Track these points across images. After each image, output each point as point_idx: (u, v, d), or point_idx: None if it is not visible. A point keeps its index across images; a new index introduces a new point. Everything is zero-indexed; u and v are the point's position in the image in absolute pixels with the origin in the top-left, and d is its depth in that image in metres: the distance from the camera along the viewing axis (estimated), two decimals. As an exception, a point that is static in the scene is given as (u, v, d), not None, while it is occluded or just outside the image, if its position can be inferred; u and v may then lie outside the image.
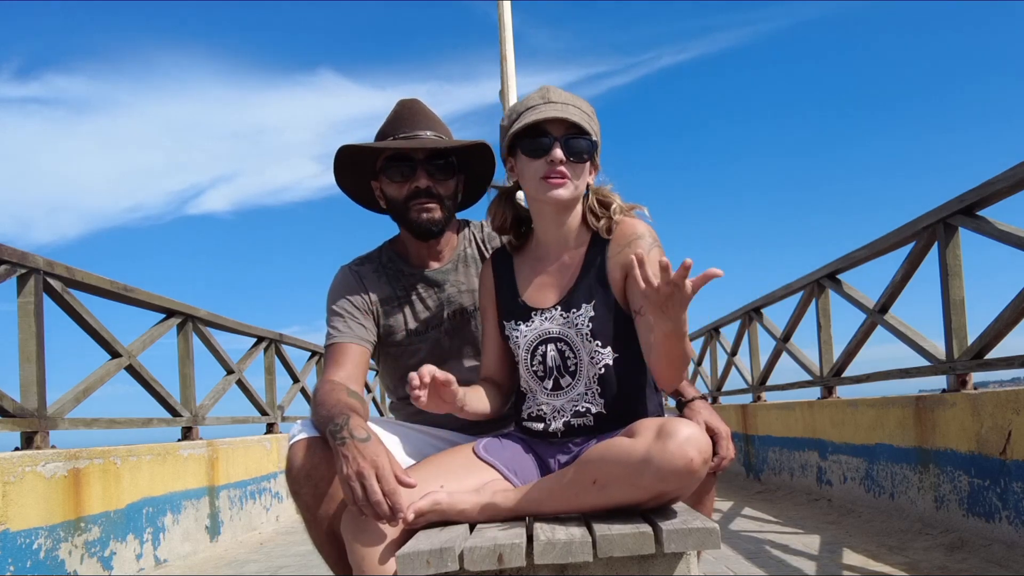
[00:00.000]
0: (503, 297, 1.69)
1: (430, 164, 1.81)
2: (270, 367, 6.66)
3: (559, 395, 1.60)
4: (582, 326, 1.57)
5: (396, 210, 1.86)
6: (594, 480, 1.37)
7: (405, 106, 1.86)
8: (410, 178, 1.81)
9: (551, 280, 1.63)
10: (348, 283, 1.87)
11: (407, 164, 1.80)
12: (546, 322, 1.61)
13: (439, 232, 1.85)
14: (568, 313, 1.59)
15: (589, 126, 1.55)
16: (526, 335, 1.62)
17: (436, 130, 1.84)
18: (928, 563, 3.00)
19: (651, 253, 1.53)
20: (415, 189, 1.80)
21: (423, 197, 1.81)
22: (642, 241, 1.56)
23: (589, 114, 1.58)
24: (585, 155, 1.55)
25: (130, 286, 4.21)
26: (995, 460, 3.11)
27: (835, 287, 5.23)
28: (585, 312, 1.57)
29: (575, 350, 1.58)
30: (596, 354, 1.57)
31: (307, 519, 1.65)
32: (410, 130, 1.81)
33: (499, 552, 1.25)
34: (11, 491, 2.89)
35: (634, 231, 1.57)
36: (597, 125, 1.60)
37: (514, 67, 6.73)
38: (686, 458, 1.30)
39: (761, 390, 7.01)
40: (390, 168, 1.82)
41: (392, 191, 1.84)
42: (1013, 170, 3.18)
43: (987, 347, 3.42)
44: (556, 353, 1.59)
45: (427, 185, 1.80)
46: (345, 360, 1.76)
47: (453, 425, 1.86)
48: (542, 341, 1.61)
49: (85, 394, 3.76)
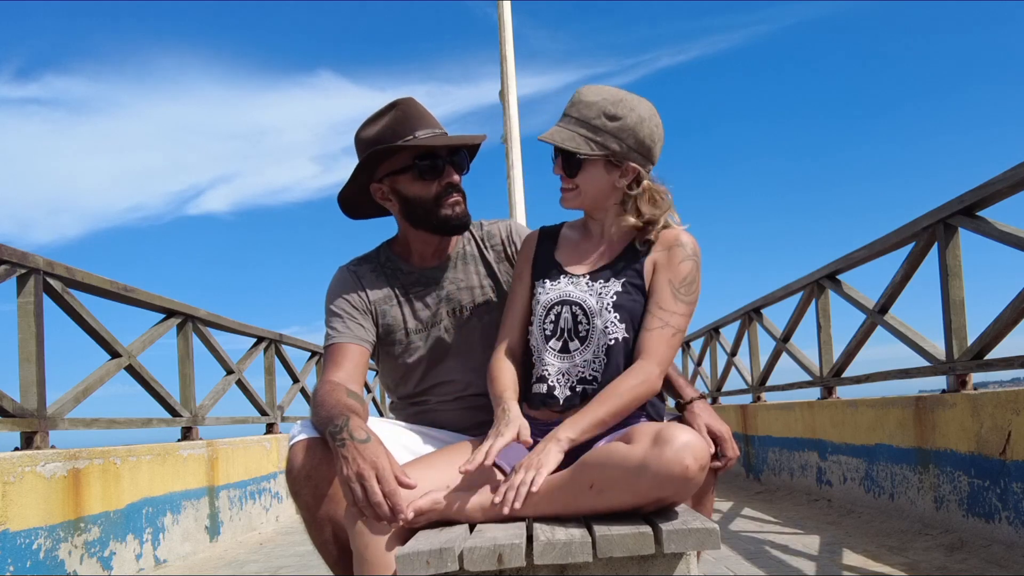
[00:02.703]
0: (540, 260, 1.73)
1: (454, 160, 1.82)
2: (270, 367, 6.65)
3: (566, 358, 1.61)
4: (605, 296, 1.61)
5: (422, 208, 1.82)
6: (591, 484, 1.37)
7: (411, 106, 1.82)
8: (440, 175, 1.80)
9: (589, 253, 1.69)
10: (346, 283, 1.86)
11: (437, 161, 1.79)
12: (570, 286, 1.65)
13: (467, 225, 1.86)
14: (594, 283, 1.63)
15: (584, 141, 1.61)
16: (548, 293, 1.66)
17: (442, 127, 1.84)
18: (928, 563, 3.00)
19: (684, 263, 1.60)
20: (447, 185, 1.80)
21: (455, 192, 1.81)
22: (681, 250, 1.62)
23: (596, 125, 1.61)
24: (575, 170, 1.63)
25: (130, 286, 4.21)
26: (995, 460, 3.11)
27: (835, 287, 5.23)
28: (612, 286, 1.61)
29: (590, 317, 1.60)
30: (611, 325, 1.59)
31: (307, 519, 1.65)
32: (428, 128, 1.79)
33: (499, 552, 1.25)
34: (11, 491, 2.89)
35: (678, 239, 1.63)
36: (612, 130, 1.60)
37: (514, 67, 6.74)
38: (682, 465, 1.31)
39: (761, 390, 7.01)
40: (419, 166, 1.79)
41: (418, 189, 1.81)
42: (1013, 170, 3.18)
43: (987, 347, 3.42)
44: (570, 316, 1.62)
45: (458, 180, 1.82)
46: (344, 360, 1.75)
47: (454, 425, 1.86)
48: (561, 302, 1.64)
49: (85, 394, 3.76)
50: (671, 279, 1.60)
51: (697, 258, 1.63)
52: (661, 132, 1.64)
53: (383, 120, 1.81)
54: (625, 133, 1.60)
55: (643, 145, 1.62)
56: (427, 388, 1.88)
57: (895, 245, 4.32)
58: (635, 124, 1.60)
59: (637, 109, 1.61)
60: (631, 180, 1.63)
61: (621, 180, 1.63)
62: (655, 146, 1.63)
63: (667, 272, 1.61)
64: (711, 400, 8.50)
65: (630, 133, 1.60)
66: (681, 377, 1.74)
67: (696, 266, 1.62)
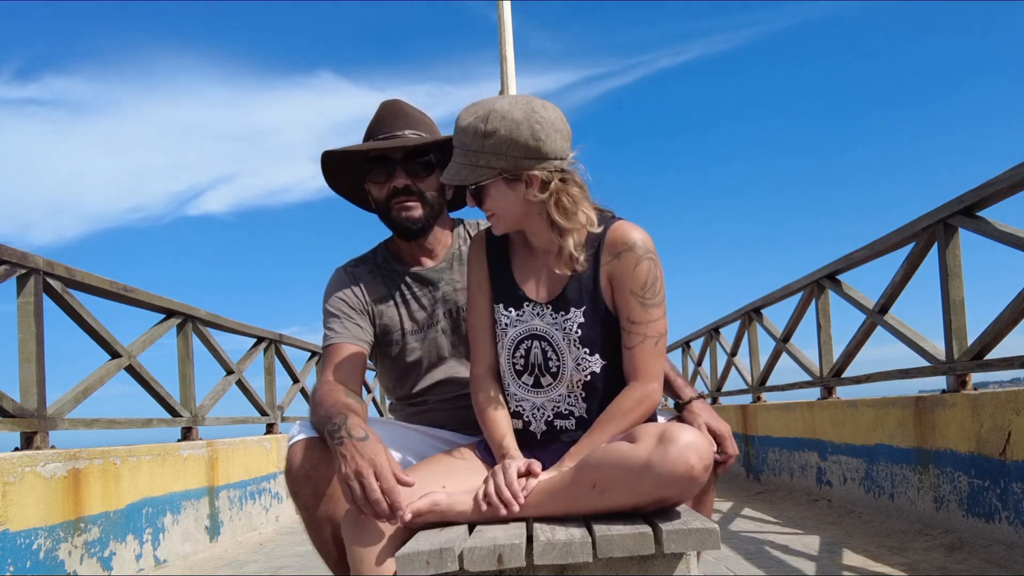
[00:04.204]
0: (497, 278, 1.64)
1: (410, 163, 1.82)
2: (270, 367, 6.66)
3: (539, 393, 1.57)
4: (571, 331, 1.54)
5: (380, 210, 1.87)
6: (594, 484, 1.36)
7: (386, 107, 1.88)
8: (390, 178, 1.82)
9: (544, 274, 1.58)
10: (343, 284, 1.87)
11: (387, 164, 1.82)
12: (535, 318, 1.57)
13: (420, 231, 1.84)
14: (557, 315, 1.56)
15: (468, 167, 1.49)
16: (515, 326, 1.59)
17: (417, 128, 1.85)
18: (928, 564, 3.00)
19: (639, 267, 1.49)
20: (394, 188, 1.82)
21: (402, 196, 1.81)
22: (632, 254, 1.50)
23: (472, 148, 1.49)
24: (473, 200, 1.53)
25: (130, 286, 4.21)
26: (995, 461, 3.11)
27: (835, 287, 5.23)
28: (574, 317, 1.54)
29: (559, 353, 1.55)
30: (583, 360, 1.54)
31: (307, 520, 1.65)
32: (390, 130, 1.83)
33: (499, 552, 1.25)
34: (11, 491, 2.89)
35: (626, 240, 1.51)
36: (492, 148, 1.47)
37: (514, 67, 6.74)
38: (687, 464, 1.30)
39: (761, 390, 7.01)
40: (371, 169, 1.84)
41: (375, 192, 1.86)
42: (1013, 170, 3.18)
43: (987, 348, 3.42)
44: (539, 352, 1.57)
45: (405, 184, 1.81)
46: (342, 360, 1.76)
47: (453, 425, 1.86)
48: (529, 336, 1.58)
49: (85, 394, 3.76)
50: (632, 289, 1.50)
51: (651, 253, 1.51)
52: (550, 123, 1.47)
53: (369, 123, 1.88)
54: (505, 145, 1.46)
55: (529, 148, 1.46)
56: (425, 388, 1.88)
57: (895, 245, 4.32)
58: (510, 132, 1.45)
59: (509, 115, 1.45)
60: (538, 187, 1.48)
61: (529, 191, 1.49)
62: (543, 143, 1.46)
63: (626, 282, 1.50)
64: (711, 400, 8.50)
65: (509, 143, 1.46)
66: (680, 377, 1.74)
67: (653, 263, 1.51)
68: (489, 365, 1.64)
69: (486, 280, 1.65)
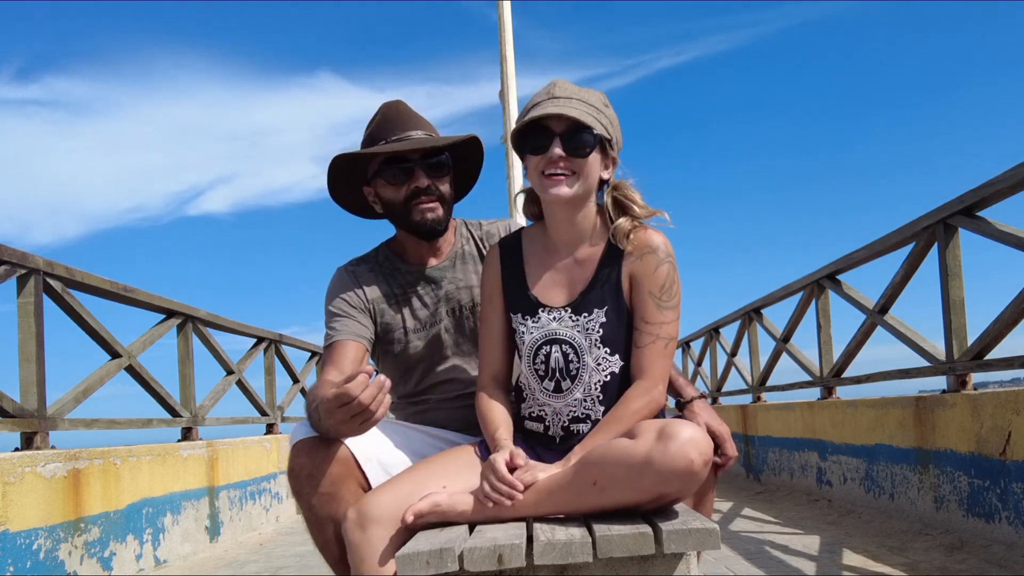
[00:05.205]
0: (511, 288, 1.66)
1: (426, 163, 1.82)
2: (270, 367, 6.66)
3: (559, 397, 1.59)
4: (593, 331, 1.56)
5: (395, 212, 1.86)
6: (594, 481, 1.37)
7: (391, 108, 1.87)
8: (408, 179, 1.81)
9: (562, 278, 1.61)
10: (344, 283, 1.87)
11: (404, 166, 1.81)
12: (553, 322, 1.59)
13: (444, 230, 1.86)
14: (579, 316, 1.57)
15: (595, 119, 1.52)
16: (532, 332, 1.60)
17: (425, 129, 1.85)
18: (928, 564, 3.00)
19: (659, 269, 1.54)
20: (415, 189, 1.81)
21: (424, 196, 1.81)
22: (654, 256, 1.54)
23: (597, 107, 1.55)
24: (588, 149, 1.52)
25: (130, 286, 4.21)
26: (995, 461, 3.11)
27: (835, 288, 5.23)
28: (597, 317, 1.56)
29: (580, 354, 1.57)
30: (604, 360, 1.56)
31: (308, 519, 1.65)
32: (401, 132, 1.82)
33: (499, 552, 1.25)
34: (11, 491, 2.89)
35: (648, 243, 1.55)
36: (609, 117, 1.57)
37: (514, 67, 6.75)
38: (687, 460, 1.30)
39: (761, 391, 7.01)
40: (387, 171, 1.82)
41: (390, 194, 1.84)
42: (1013, 170, 3.18)
43: (987, 348, 3.42)
44: (560, 355, 1.58)
45: (427, 184, 1.81)
46: (342, 358, 1.76)
47: (454, 425, 1.87)
48: (548, 341, 1.59)
49: (85, 394, 3.76)
50: (650, 289, 1.54)
51: (671, 258, 1.56)
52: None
53: (370, 126, 1.86)
54: (616, 123, 1.59)
55: (620, 138, 1.61)
56: (427, 387, 1.88)
57: (895, 245, 4.32)
58: (616, 118, 1.60)
59: None
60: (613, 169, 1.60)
61: (606, 172, 1.59)
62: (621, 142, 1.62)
63: (645, 282, 1.54)
64: (711, 400, 8.50)
65: (617, 124, 1.60)
66: (681, 376, 1.74)
67: (672, 267, 1.56)
68: (495, 374, 1.67)
69: (499, 291, 1.67)
